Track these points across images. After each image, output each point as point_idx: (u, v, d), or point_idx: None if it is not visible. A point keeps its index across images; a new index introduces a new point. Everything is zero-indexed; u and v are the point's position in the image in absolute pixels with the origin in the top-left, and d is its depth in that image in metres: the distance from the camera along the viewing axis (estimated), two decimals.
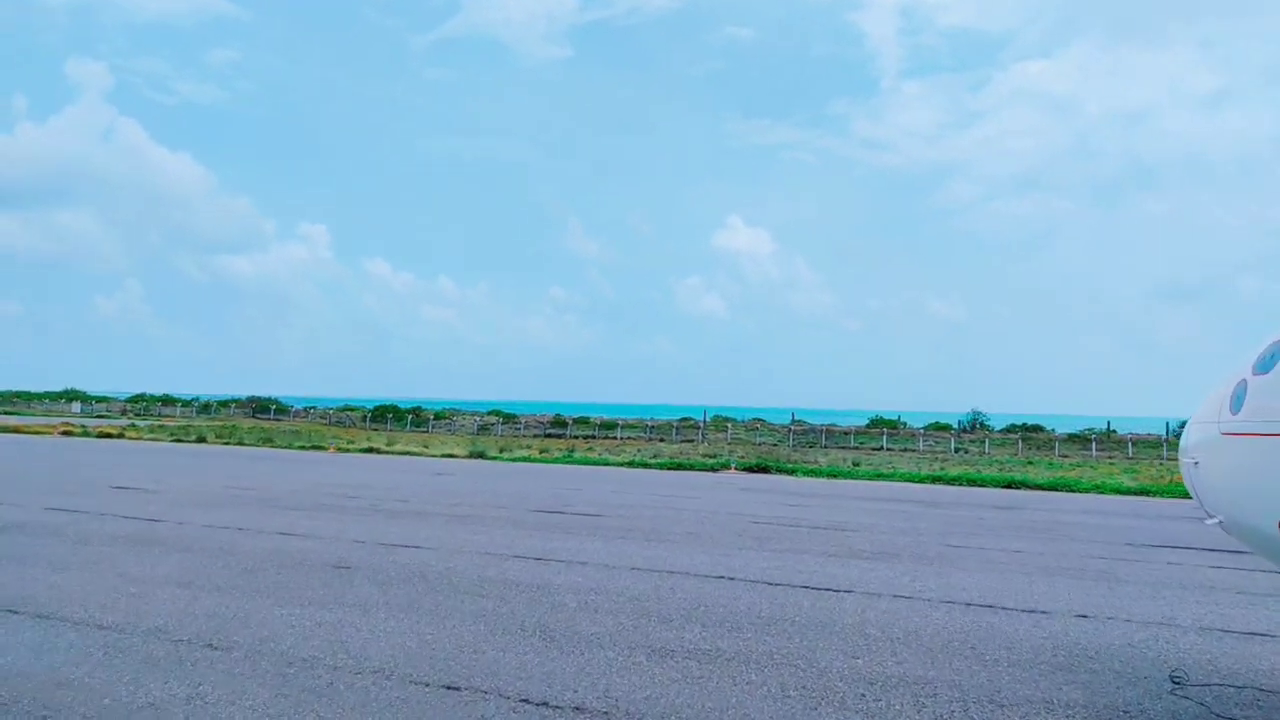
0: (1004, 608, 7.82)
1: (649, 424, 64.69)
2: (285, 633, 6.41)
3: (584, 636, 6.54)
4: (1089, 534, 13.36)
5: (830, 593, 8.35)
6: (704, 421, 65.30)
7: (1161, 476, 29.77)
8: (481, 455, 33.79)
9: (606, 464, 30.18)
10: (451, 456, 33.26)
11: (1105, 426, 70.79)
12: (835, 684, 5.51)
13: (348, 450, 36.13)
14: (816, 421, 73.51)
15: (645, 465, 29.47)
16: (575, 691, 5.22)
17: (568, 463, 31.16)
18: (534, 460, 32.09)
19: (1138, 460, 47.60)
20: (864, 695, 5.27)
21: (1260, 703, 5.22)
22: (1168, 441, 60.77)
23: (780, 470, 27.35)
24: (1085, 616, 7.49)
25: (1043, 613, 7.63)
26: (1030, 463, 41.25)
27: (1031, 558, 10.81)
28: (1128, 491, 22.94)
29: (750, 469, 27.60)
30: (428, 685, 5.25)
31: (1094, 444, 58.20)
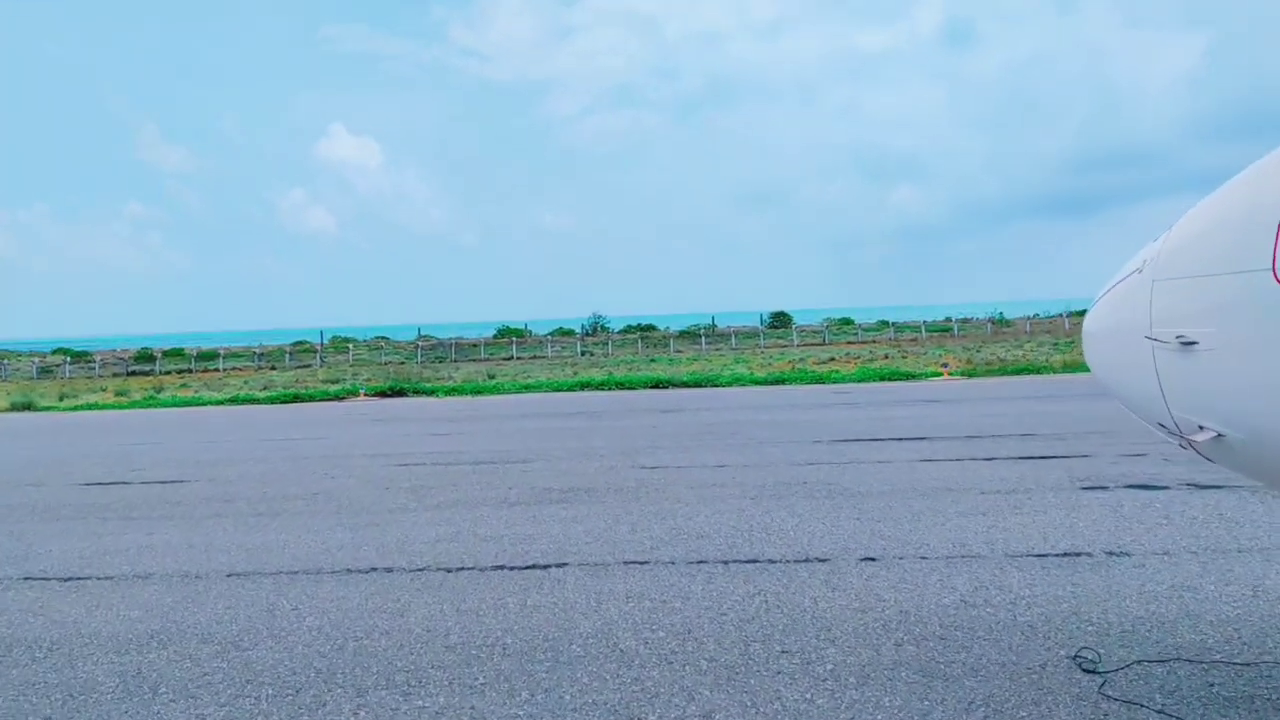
0: (769, 560, 5.80)
1: (257, 351, 56.92)
2: None
3: None
4: (773, 434, 12.26)
5: (538, 572, 5.75)
6: (321, 344, 59.26)
7: (771, 364, 31.53)
8: (29, 406, 26.21)
9: (202, 403, 24.77)
10: None
11: (710, 322, 76.67)
12: None
13: None
14: (444, 336, 70.85)
15: (253, 400, 24.61)
16: None
17: (151, 406, 25.17)
18: (105, 407, 25.50)
19: (741, 350, 51.48)
20: None
21: (1214, 684, 3.59)
22: (763, 332, 67.02)
23: (418, 391, 24.22)
24: (873, 559, 5.71)
25: (820, 560, 5.73)
26: (653, 360, 42.44)
27: (742, 474, 9.15)
28: (763, 382, 23.31)
29: (383, 393, 24.12)
30: None
31: (703, 338, 62.19)
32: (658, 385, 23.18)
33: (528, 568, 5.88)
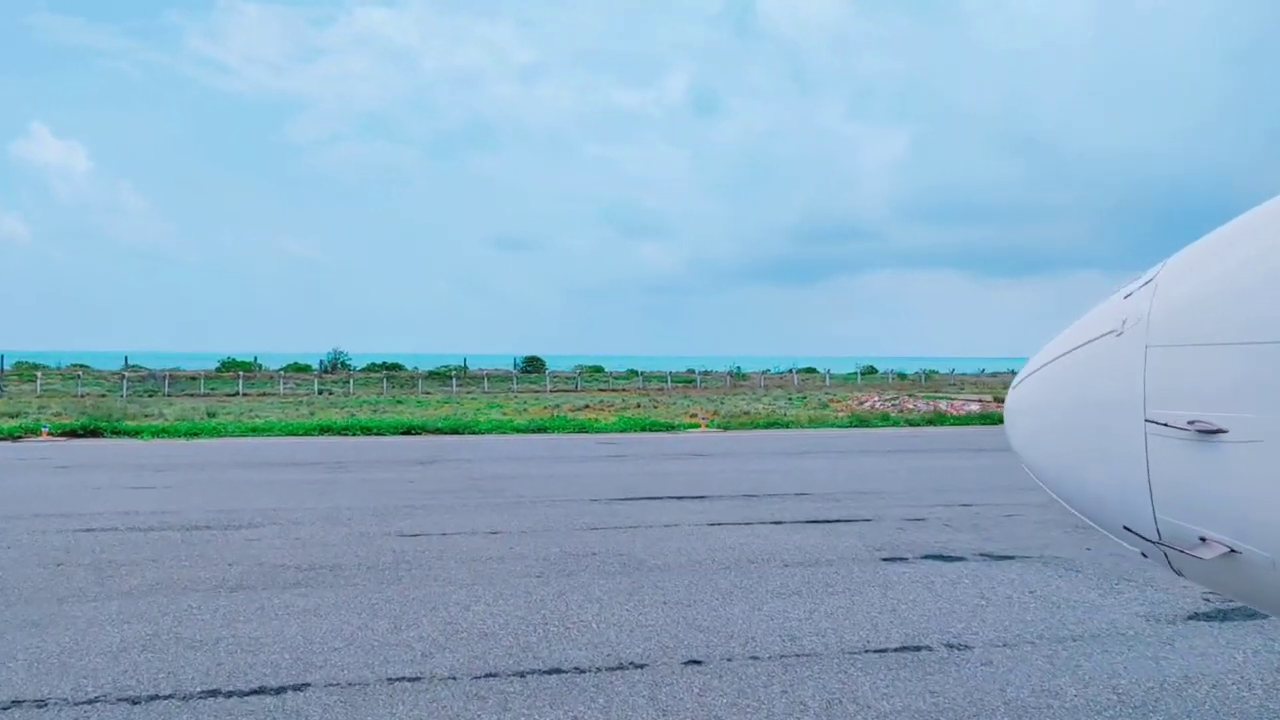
0: (576, 668, 4.69)
1: None
2: None
3: None
4: (546, 490, 11.19)
5: (269, 700, 4.25)
6: (1, 370, 50.61)
7: (526, 410, 30.61)
8: None
9: None
10: None
11: (462, 363, 74.72)
12: None
13: None
14: (157, 366, 63.66)
15: None
16: None
17: None
18: None
19: (494, 394, 50.14)
20: None
21: None
22: (516, 375, 66.21)
23: (117, 431, 20.62)
24: (698, 662, 4.78)
25: (637, 666, 4.71)
26: (399, 401, 40.15)
27: (521, 542, 7.99)
28: (524, 429, 22.27)
29: (72, 433, 20.27)
30: None
31: (454, 380, 60.33)
32: (409, 431, 21.35)
33: (253, 693, 4.35)
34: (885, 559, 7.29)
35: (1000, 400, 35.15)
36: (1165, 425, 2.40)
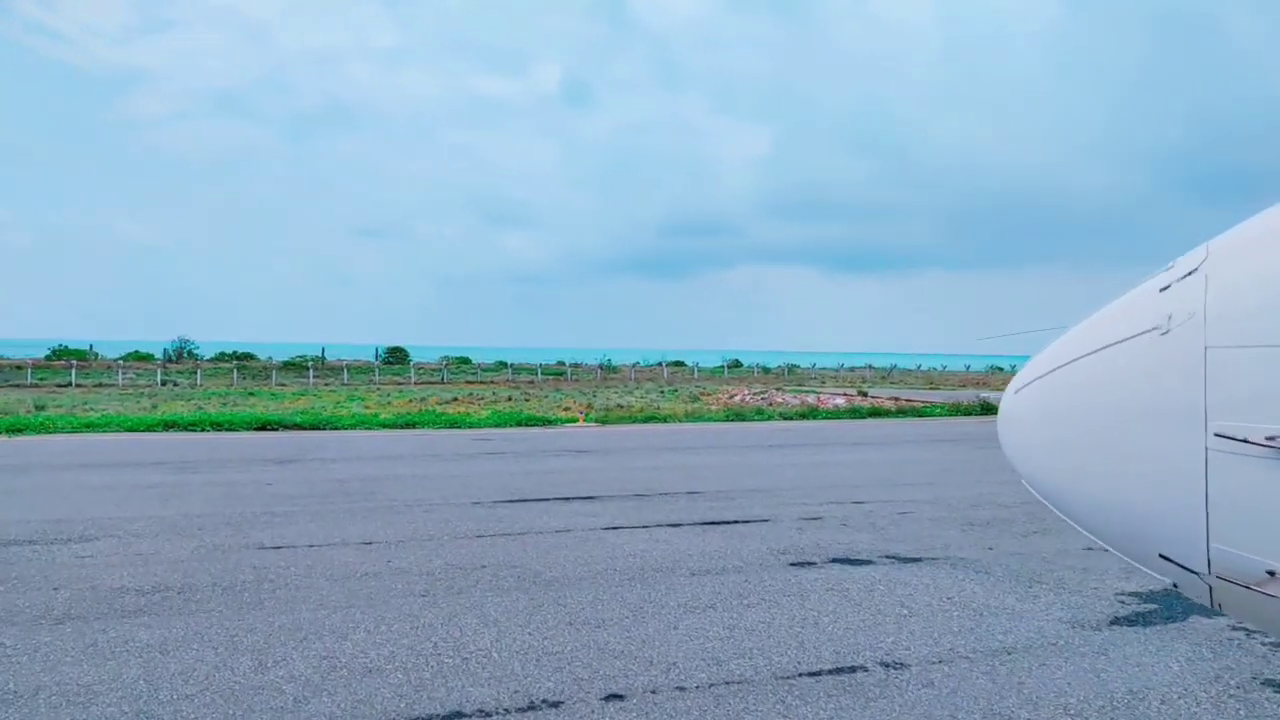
0: (480, 711, 4.06)
1: None
2: None
3: None
4: (421, 493, 10.37)
5: None
6: None
7: (390, 403, 29.33)
8: None
9: None
10: None
11: (319, 353, 71.50)
12: None
13: None
14: None
15: None
16: None
17: None
18: None
19: (355, 386, 48.03)
20: None
21: None
22: (378, 367, 63.84)
23: None
24: (619, 697, 4.22)
25: (550, 705, 4.13)
26: (252, 394, 37.80)
27: (399, 555, 7.23)
28: (391, 424, 21.14)
29: None
30: None
31: (311, 371, 57.56)
32: (264, 426, 19.82)
33: None
34: (793, 564, 6.97)
35: (864, 395, 36.30)
36: (1240, 440, 2.05)
